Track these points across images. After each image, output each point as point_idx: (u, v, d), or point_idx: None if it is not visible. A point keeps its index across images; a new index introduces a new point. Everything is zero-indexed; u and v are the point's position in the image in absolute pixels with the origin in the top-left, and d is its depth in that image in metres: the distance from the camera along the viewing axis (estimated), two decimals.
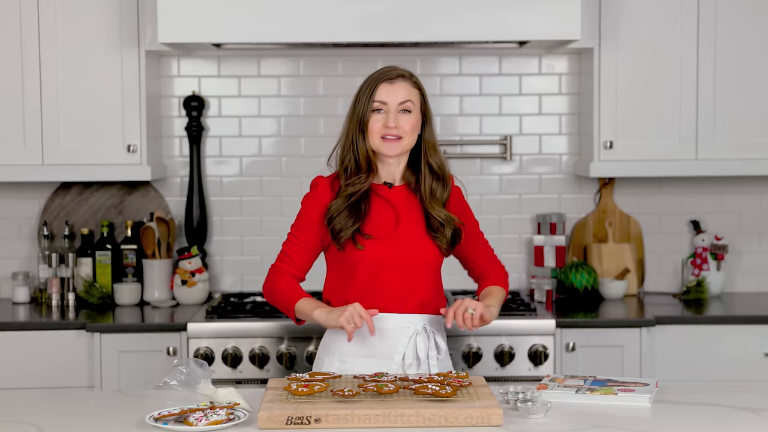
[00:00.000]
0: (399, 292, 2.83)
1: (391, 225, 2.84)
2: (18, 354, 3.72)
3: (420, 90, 2.85)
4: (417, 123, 2.83)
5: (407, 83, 2.83)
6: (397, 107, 2.80)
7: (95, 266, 4.14)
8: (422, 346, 2.83)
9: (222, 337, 3.65)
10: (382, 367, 2.81)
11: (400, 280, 2.83)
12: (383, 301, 2.81)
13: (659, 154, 3.98)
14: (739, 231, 4.34)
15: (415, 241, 2.84)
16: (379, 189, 2.87)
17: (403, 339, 2.83)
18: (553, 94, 4.29)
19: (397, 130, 2.79)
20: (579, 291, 4.09)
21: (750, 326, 3.80)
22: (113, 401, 2.67)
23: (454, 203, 2.94)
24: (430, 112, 2.89)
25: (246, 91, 4.28)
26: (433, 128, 2.89)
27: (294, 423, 2.31)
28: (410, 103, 2.80)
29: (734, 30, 3.95)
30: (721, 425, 2.38)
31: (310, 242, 2.89)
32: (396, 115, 2.79)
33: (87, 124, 3.94)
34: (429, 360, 2.83)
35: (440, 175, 2.87)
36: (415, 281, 2.84)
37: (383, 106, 2.80)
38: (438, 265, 2.91)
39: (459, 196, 2.97)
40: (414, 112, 2.82)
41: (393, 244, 2.82)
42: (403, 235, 2.83)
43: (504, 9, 3.69)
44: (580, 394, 2.57)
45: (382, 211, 2.85)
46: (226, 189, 4.30)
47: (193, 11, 3.70)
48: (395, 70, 2.85)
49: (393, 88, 2.80)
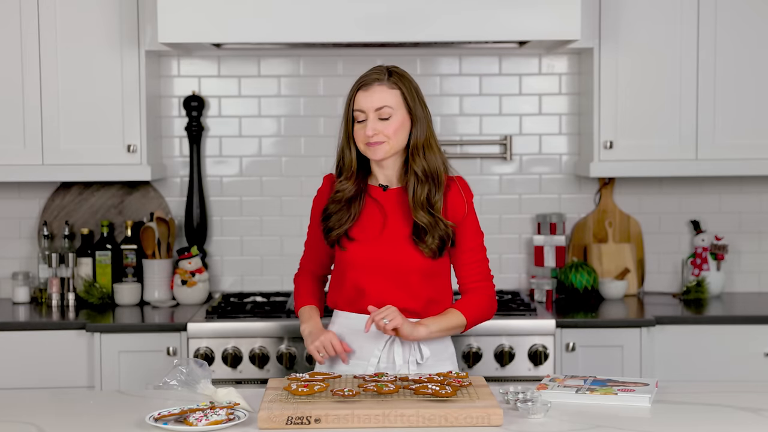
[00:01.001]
0: (381, 296, 2.81)
1: (377, 228, 2.82)
2: (18, 354, 3.72)
3: (400, 89, 2.77)
4: (401, 125, 2.76)
5: (383, 87, 2.76)
6: (374, 114, 2.76)
7: (95, 266, 4.14)
8: (399, 351, 2.81)
9: (222, 337, 3.65)
10: (359, 369, 2.82)
11: (382, 284, 2.80)
12: (366, 304, 2.81)
13: (659, 154, 3.98)
14: (739, 231, 4.34)
15: (397, 246, 2.80)
16: (374, 191, 2.86)
17: (380, 342, 2.83)
18: (553, 94, 4.29)
19: (377, 137, 2.75)
20: (579, 291, 4.09)
21: (750, 326, 3.80)
22: (113, 401, 2.67)
23: (453, 209, 2.83)
24: (420, 111, 2.79)
25: (246, 91, 4.28)
26: (423, 128, 2.78)
27: (294, 423, 2.31)
28: (387, 108, 2.75)
29: (734, 30, 3.95)
30: (721, 425, 2.38)
31: (317, 238, 2.94)
32: (375, 122, 2.76)
33: (87, 124, 3.94)
34: (409, 365, 2.81)
35: (426, 177, 2.78)
36: (397, 286, 2.81)
37: (362, 114, 2.78)
38: (425, 270, 2.81)
39: (460, 203, 2.84)
40: (394, 115, 2.76)
41: (375, 247, 2.80)
42: (387, 239, 2.80)
43: (504, 9, 3.69)
44: (580, 394, 2.57)
45: (372, 213, 2.83)
46: (226, 189, 4.30)
47: (193, 11, 3.70)
48: (372, 74, 2.79)
49: (368, 95, 2.77)
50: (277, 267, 4.30)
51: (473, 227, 2.87)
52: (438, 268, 2.85)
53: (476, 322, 2.86)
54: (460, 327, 2.83)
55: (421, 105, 2.81)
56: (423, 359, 2.82)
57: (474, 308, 2.84)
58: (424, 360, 2.82)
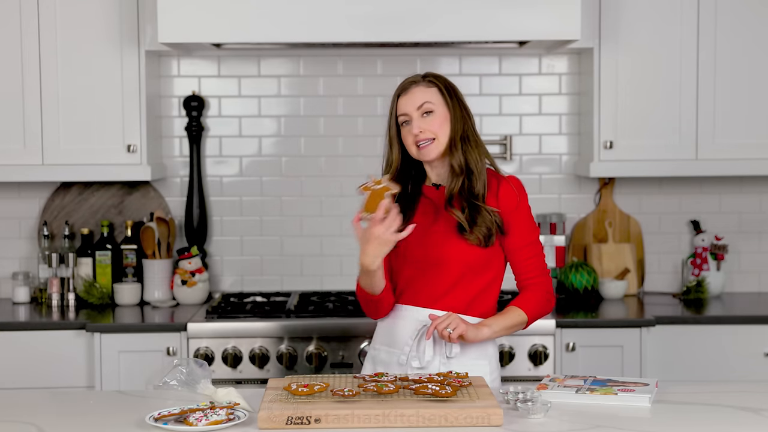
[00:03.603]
0: (427, 289, 2.84)
1: (427, 224, 2.85)
2: (18, 354, 3.72)
3: (437, 86, 2.84)
4: (444, 119, 2.82)
5: (420, 86, 2.84)
6: (417, 113, 2.81)
7: (95, 266, 4.14)
8: (430, 343, 2.82)
9: (222, 337, 3.65)
10: (395, 356, 2.84)
11: (428, 278, 2.83)
12: (410, 296, 2.85)
13: (659, 154, 3.98)
14: (739, 231, 4.34)
15: (443, 240, 2.82)
16: (428, 191, 2.89)
17: (413, 333, 2.84)
18: (553, 94, 4.29)
19: (424, 134, 2.80)
20: (579, 291, 4.09)
21: (750, 326, 3.80)
22: (113, 401, 2.67)
23: (505, 202, 2.84)
24: (457, 106, 2.84)
25: (246, 91, 4.28)
26: (460, 123, 2.82)
27: (294, 423, 2.31)
28: (429, 104, 2.81)
29: (734, 30, 3.95)
30: (721, 425, 2.38)
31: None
32: (419, 121, 2.80)
33: (87, 124, 3.94)
34: (439, 357, 2.82)
35: (462, 171, 2.81)
36: (442, 279, 2.83)
37: (406, 117, 2.83)
38: (471, 263, 2.81)
39: (511, 196, 2.85)
40: (437, 110, 2.81)
41: (423, 241, 2.83)
42: (435, 234, 2.83)
43: (504, 9, 3.69)
44: (580, 394, 2.57)
45: (425, 211, 2.87)
46: (226, 189, 4.30)
47: (193, 11, 3.70)
48: (409, 79, 2.87)
49: (409, 98, 2.83)
50: (277, 267, 4.30)
51: (528, 223, 2.89)
52: (486, 263, 2.84)
53: (536, 318, 2.87)
54: (522, 324, 2.84)
55: (459, 102, 2.86)
56: (452, 353, 2.82)
57: (534, 304, 2.86)
58: (453, 354, 2.82)
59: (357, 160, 4.26)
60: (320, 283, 4.32)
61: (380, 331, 2.93)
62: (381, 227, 2.66)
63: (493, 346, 2.90)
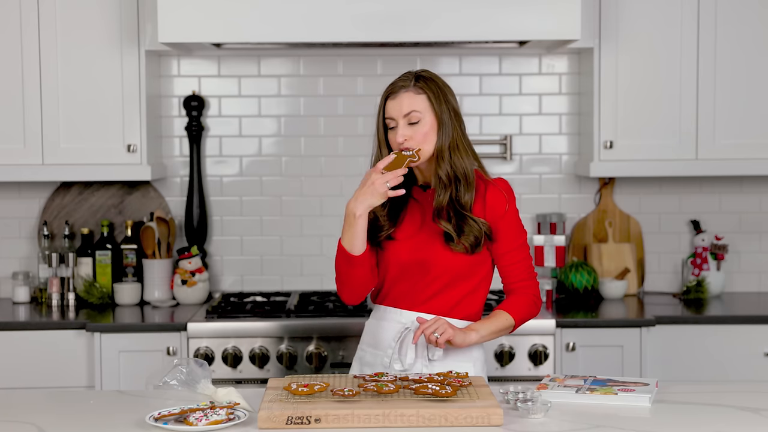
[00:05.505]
0: (411, 292, 2.82)
1: (414, 228, 2.83)
2: (18, 354, 3.72)
3: (426, 93, 2.77)
4: (430, 129, 2.76)
5: (409, 93, 2.77)
6: (403, 120, 2.77)
7: (95, 266, 4.14)
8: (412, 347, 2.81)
9: (222, 336, 3.65)
10: (379, 358, 2.83)
11: (413, 282, 2.82)
12: (395, 299, 2.84)
13: (659, 154, 3.98)
14: (739, 231, 4.34)
15: (429, 246, 2.80)
16: (416, 192, 2.87)
17: (396, 335, 2.83)
18: (553, 94, 4.29)
19: (409, 143, 2.76)
20: (579, 291, 4.09)
21: (750, 326, 3.80)
22: (113, 401, 2.67)
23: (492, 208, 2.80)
24: (446, 114, 2.78)
25: (246, 91, 4.28)
26: (449, 131, 2.77)
27: (294, 423, 2.31)
28: (416, 113, 2.75)
29: (734, 30, 3.95)
30: (721, 425, 2.38)
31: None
32: (404, 128, 2.77)
33: (87, 124, 3.94)
34: (421, 360, 2.81)
35: (450, 181, 2.76)
36: (426, 284, 2.81)
37: (392, 121, 2.79)
38: (457, 269, 2.80)
39: (499, 202, 2.80)
40: (423, 120, 2.76)
41: (409, 246, 2.81)
42: (421, 239, 2.81)
43: (504, 9, 3.69)
44: (580, 394, 2.57)
45: (413, 214, 2.85)
46: (226, 189, 4.30)
47: (193, 11, 3.70)
48: (399, 81, 2.81)
49: (396, 102, 2.78)
50: (277, 267, 4.31)
51: (516, 227, 2.84)
52: (472, 268, 2.82)
53: (523, 321, 2.85)
54: (509, 328, 2.82)
55: (449, 108, 2.80)
56: (435, 356, 2.81)
57: (520, 308, 2.84)
58: (436, 357, 2.80)
59: (357, 160, 4.26)
60: (320, 283, 4.32)
61: (366, 332, 2.92)
62: (380, 176, 2.67)
63: (478, 349, 2.88)
